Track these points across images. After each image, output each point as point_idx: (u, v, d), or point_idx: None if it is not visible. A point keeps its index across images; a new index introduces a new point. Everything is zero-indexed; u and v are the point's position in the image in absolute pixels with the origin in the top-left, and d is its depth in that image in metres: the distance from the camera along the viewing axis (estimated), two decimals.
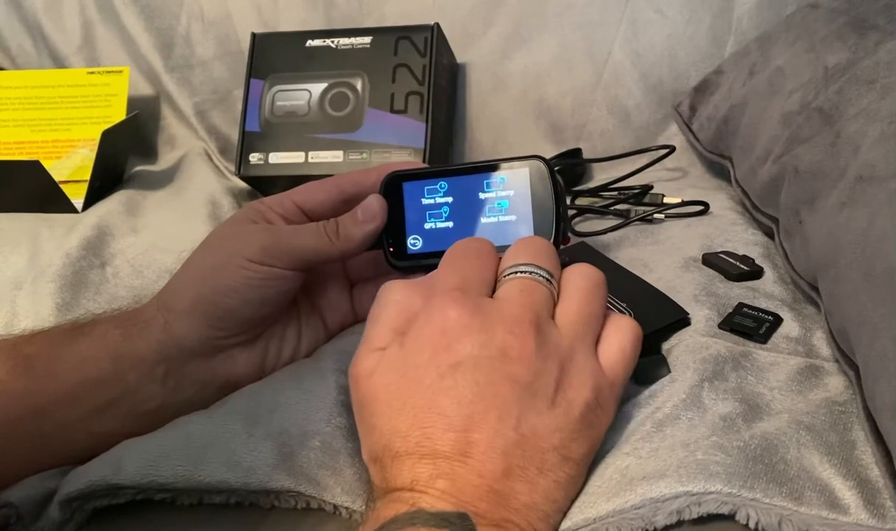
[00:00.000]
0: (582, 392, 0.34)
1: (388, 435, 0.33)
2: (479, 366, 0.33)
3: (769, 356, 0.41)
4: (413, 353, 0.34)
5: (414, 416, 0.32)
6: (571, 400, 0.33)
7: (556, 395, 0.33)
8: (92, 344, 0.40)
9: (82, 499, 0.36)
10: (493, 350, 0.33)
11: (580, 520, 0.32)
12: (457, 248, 0.39)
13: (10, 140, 0.83)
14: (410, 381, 0.33)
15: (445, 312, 0.34)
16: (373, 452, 0.34)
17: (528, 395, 0.33)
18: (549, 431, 0.33)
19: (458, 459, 0.31)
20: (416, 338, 0.34)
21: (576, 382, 0.34)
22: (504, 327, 0.34)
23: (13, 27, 0.93)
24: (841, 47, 0.55)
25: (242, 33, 0.87)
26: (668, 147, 0.70)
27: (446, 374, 0.33)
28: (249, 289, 0.41)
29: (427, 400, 0.33)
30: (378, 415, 0.34)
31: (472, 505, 0.30)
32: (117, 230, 0.66)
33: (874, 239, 0.39)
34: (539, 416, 0.33)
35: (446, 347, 0.33)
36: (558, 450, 0.33)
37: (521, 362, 0.33)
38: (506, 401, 0.32)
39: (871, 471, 0.33)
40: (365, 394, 0.35)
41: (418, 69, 0.73)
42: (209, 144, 0.87)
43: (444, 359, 0.33)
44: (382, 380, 0.34)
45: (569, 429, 0.33)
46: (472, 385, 0.32)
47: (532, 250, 0.38)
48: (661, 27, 0.78)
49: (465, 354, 0.33)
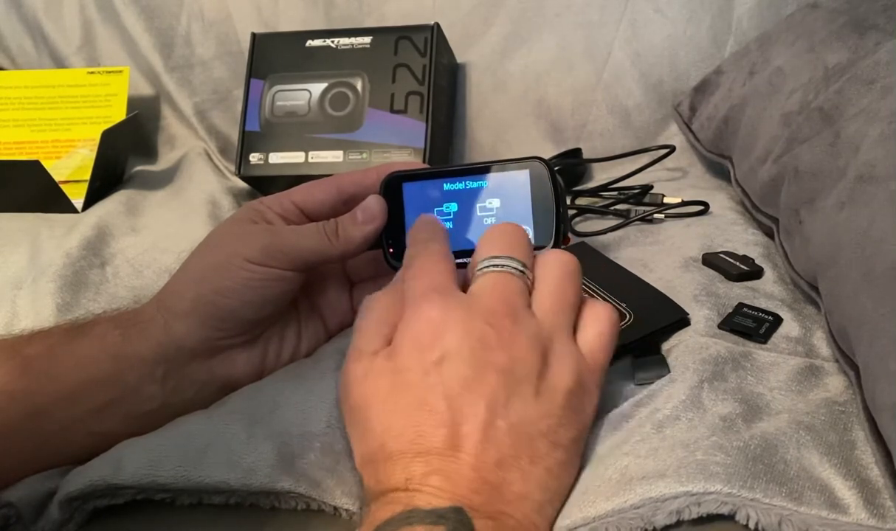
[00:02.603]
0: (564, 378, 0.34)
1: (381, 435, 0.33)
2: (461, 357, 0.33)
3: (769, 356, 0.41)
4: (400, 357, 0.35)
5: (406, 416, 0.33)
6: (555, 386, 0.34)
7: (540, 383, 0.34)
8: (92, 344, 0.40)
9: (82, 499, 0.36)
10: (473, 341, 0.34)
11: (579, 520, 0.32)
12: (414, 247, 0.40)
13: (10, 140, 0.83)
14: (400, 383, 0.34)
15: (425, 313, 0.35)
16: (366, 455, 0.34)
17: (513, 383, 0.33)
18: (536, 417, 0.33)
19: (450, 454, 0.32)
20: (402, 341, 0.35)
21: (556, 368, 0.34)
22: (481, 319, 0.34)
23: (13, 27, 0.93)
24: (841, 47, 0.55)
25: (242, 33, 0.87)
26: (668, 147, 0.70)
27: (431, 371, 0.33)
28: (249, 290, 0.41)
29: (417, 398, 0.33)
30: (371, 418, 0.34)
31: (466, 498, 0.31)
32: (117, 230, 0.66)
33: (874, 239, 0.39)
34: (525, 404, 0.33)
35: (430, 346, 0.34)
36: (547, 437, 0.33)
37: (502, 350, 0.34)
38: (493, 389, 0.33)
39: (871, 471, 0.33)
40: (357, 398, 0.35)
41: (418, 69, 0.73)
42: (209, 144, 0.87)
43: (427, 356, 0.34)
44: (373, 383, 0.35)
45: (556, 415, 0.34)
46: (457, 378, 0.33)
47: (504, 241, 0.38)
48: (661, 27, 0.78)
49: (446, 349, 0.34)
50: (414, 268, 0.38)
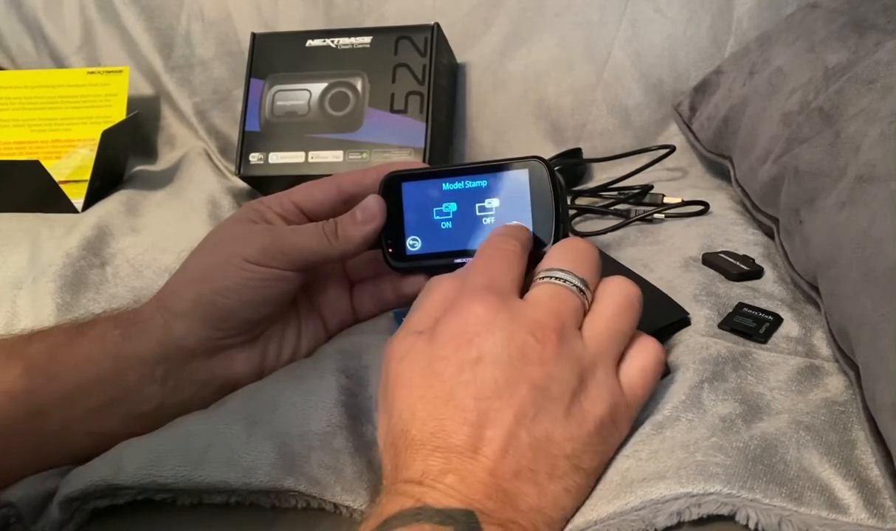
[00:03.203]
0: (598, 406, 0.34)
1: (406, 420, 0.33)
2: (498, 364, 0.33)
3: (769, 356, 0.41)
4: (439, 346, 0.34)
5: (433, 406, 0.33)
6: (586, 411, 0.33)
7: (572, 405, 0.33)
8: (92, 344, 0.40)
9: (82, 499, 0.36)
10: (513, 350, 0.33)
11: (581, 523, 0.32)
12: (489, 242, 0.39)
13: (10, 140, 0.83)
14: (433, 372, 0.34)
15: (471, 308, 0.34)
16: (390, 435, 0.34)
17: (545, 400, 0.33)
18: (562, 438, 0.33)
19: (469, 455, 0.31)
20: (443, 331, 0.35)
21: (593, 395, 0.34)
22: (526, 329, 0.34)
23: (13, 27, 0.93)
24: (841, 47, 0.55)
25: (242, 33, 0.87)
26: (668, 147, 0.70)
27: (466, 369, 0.33)
28: (248, 290, 0.41)
29: (446, 392, 0.33)
30: (400, 398, 0.34)
31: (479, 502, 0.31)
32: (117, 230, 0.66)
33: (874, 239, 0.39)
34: (553, 422, 0.33)
35: (468, 343, 0.34)
36: (570, 459, 0.33)
37: (540, 365, 0.33)
38: (522, 401, 0.32)
39: (871, 471, 0.33)
40: (392, 376, 0.35)
41: (418, 69, 0.73)
42: (209, 144, 0.87)
43: (465, 353, 0.33)
44: (409, 366, 0.35)
45: (582, 441, 0.33)
46: (490, 382, 0.33)
47: (572, 256, 0.37)
48: (661, 27, 0.78)
49: (485, 351, 0.33)
50: (482, 259, 0.38)
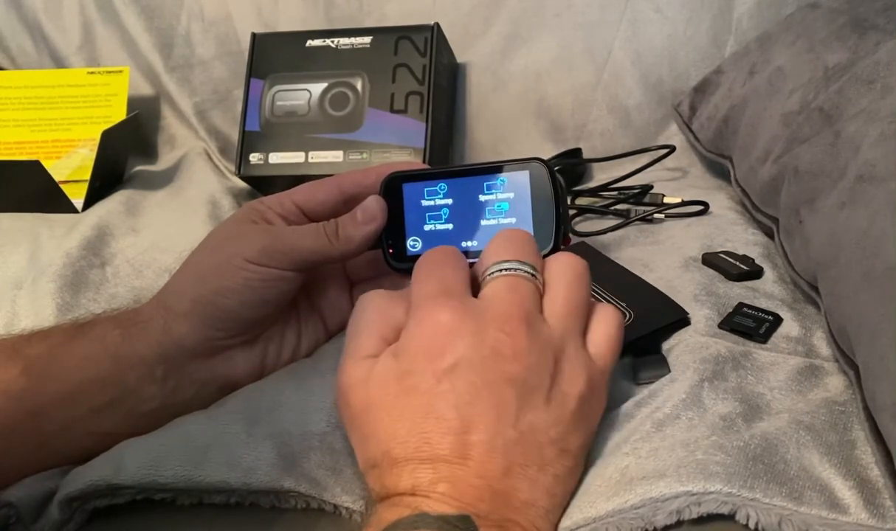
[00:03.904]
0: (576, 384, 0.34)
1: (386, 441, 0.33)
2: (473, 367, 0.33)
3: (769, 356, 0.41)
4: (407, 360, 0.34)
5: (412, 422, 0.32)
6: (566, 393, 0.34)
7: (552, 390, 0.33)
8: (91, 344, 0.40)
9: (82, 499, 0.36)
10: (486, 350, 0.33)
11: (580, 520, 0.32)
12: (425, 258, 0.38)
13: (10, 140, 0.83)
14: (407, 388, 0.33)
15: (436, 317, 0.34)
16: (370, 460, 0.34)
17: (525, 392, 0.33)
18: (546, 426, 0.33)
19: (457, 462, 0.31)
20: (409, 344, 0.34)
21: (569, 375, 0.34)
22: (495, 326, 0.34)
23: (13, 27, 0.93)
24: (841, 47, 0.55)
25: (242, 33, 0.87)
26: (668, 147, 0.70)
27: (442, 379, 0.33)
28: (249, 290, 0.41)
29: (424, 405, 0.32)
30: (375, 422, 0.33)
31: (473, 506, 0.30)
32: (117, 230, 0.66)
33: (874, 239, 0.39)
34: (536, 412, 0.33)
35: (440, 352, 0.33)
36: (556, 444, 0.33)
37: (516, 359, 0.33)
38: (503, 399, 0.32)
39: (871, 471, 0.33)
40: (359, 402, 0.34)
41: (418, 69, 0.73)
42: (209, 144, 0.87)
43: (438, 363, 0.33)
44: (378, 388, 0.34)
45: (566, 422, 0.33)
46: (468, 387, 0.32)
47: (514, 246, 0.37)
48: (661, 27, 0.78)
49: (459, 356, 0.33)
50: (426, 267, 0.37)
